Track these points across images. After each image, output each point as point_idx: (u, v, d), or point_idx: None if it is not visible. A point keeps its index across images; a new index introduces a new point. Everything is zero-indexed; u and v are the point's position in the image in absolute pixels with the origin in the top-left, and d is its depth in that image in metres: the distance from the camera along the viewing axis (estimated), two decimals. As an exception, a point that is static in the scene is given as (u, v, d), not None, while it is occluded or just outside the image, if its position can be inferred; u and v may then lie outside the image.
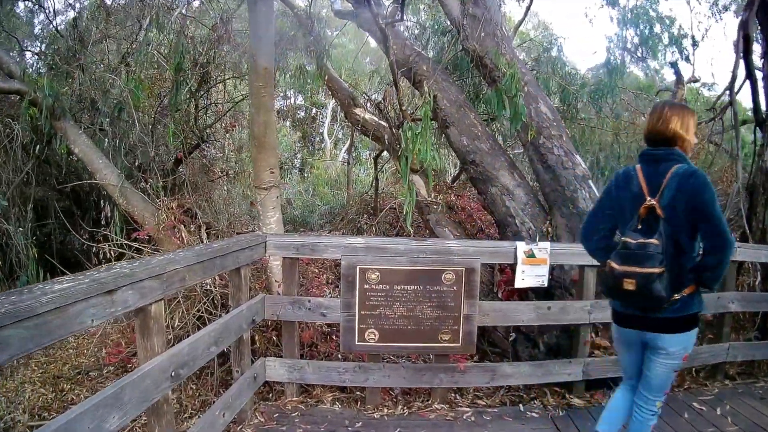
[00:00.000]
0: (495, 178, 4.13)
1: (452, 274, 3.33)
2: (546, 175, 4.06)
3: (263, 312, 3.52)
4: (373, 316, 3.37)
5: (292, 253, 3.46)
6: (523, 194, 4.09)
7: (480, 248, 3.37)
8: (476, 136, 4.30)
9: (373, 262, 3.34)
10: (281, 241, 3.49)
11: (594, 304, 3.57)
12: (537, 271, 3.46)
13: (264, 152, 4.12)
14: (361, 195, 9.36)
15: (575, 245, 3.64)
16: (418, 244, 3.35)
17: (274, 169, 4.18)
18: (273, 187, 4.16)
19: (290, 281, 3.52)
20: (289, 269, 3.51)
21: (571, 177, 4.00)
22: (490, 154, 4.21)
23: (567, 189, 3.97)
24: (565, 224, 3.96)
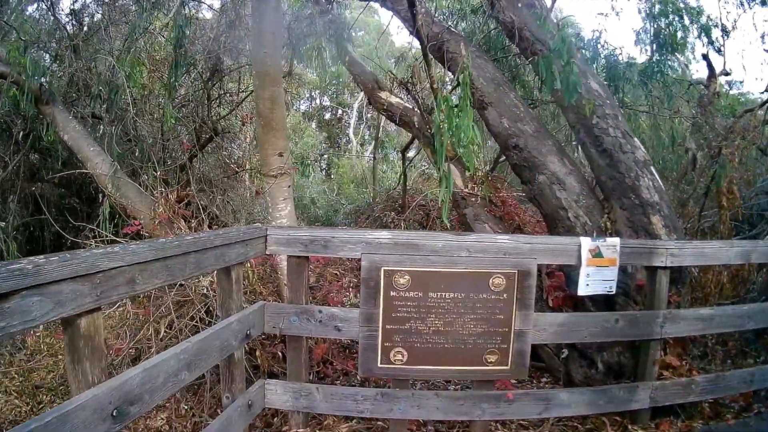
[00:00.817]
0: (542, 165, 3.25)
1: (502, 278, 2.42)
2: (601, 161, 3.17)
3: (262, 324, 2.59)
4: (400, 331, 2.45)
5: (299, 251, 2.54)
6: (575, 183, 3.20)
7: (536, 245, 2.46)
8: (518, 117, 3.42)
9: (402, 263, 2.43)
10: (285, 234, 2.57)
11: (667, 315, 2.67)
12: (604, 274, 2.56)
13: (271, 133, 3.22)
14: (388, 192, 8.41)
15: (647, 241, 2.74)
16: (458, 239, 2.44)
17: (283, 153, 3.27)
18: (283, 174, 3.25)
19: (297, 286, 2.59)
20: (296, 271, 2.59)
21: (631, 162, 3.12)
22: (536, 138, 3.33)
23: (627, 176, 3.09)
24: (626, 217, 3.06)
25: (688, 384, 2.78)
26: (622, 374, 2.87)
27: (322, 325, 2.54)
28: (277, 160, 3.22)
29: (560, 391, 2.62)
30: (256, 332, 2.59)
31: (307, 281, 2.63)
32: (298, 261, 2.58)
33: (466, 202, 3.77)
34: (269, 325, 2.61)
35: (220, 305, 2.47)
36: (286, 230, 2.61)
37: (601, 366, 2.91)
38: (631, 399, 2.68)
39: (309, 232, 2.58)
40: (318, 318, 2.54)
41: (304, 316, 2.56)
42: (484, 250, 2.43)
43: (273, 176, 3.18)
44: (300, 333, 2.58)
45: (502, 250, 2.43)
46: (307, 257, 2.60)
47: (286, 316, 2.58)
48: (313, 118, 15.02)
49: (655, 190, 3.06)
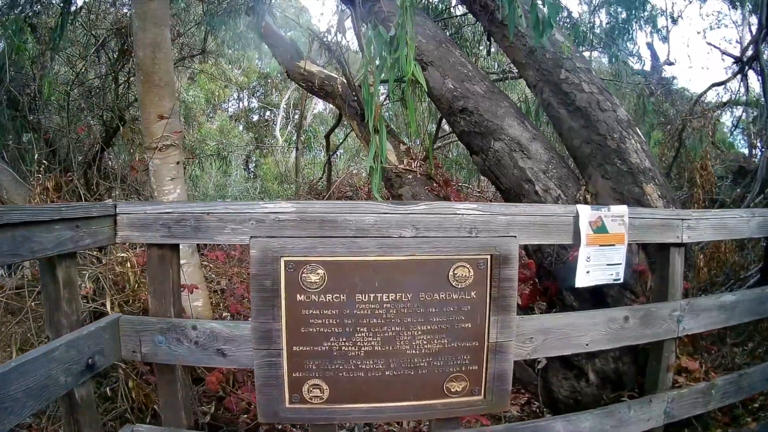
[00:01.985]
0: (499, 129, 2.25)
1: (467, 267, 1.40)
2: (574, 122, 2.21)
3: (117, 347, 1.49)
4: (316, 354, 1.40)
5: (161, 236, 1.44)
6: (542, 150, 2.22)
7: (517, 218, 1.46)
8: (466, 76, 2.41)
9: (313, 250, 1.37)
10: (141, 212, 1.45)
11: (686, 306, 1.75)
12: (609, 256, 1.59)
13: (153, 90, 2.10)
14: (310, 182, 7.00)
15: (658, 211, 1.80)
16: (399, 210, 1.40)
17: (168, 117, 2.13)
18: (170, 146, 2.12)
19: (162, 290, 1.49)
20: (159, 267, 1.48)
21: (612, 122, 2.17)
22: (488, 98, 2.33)
23: (609, 138, 2.14)
24: (611, 188, 2.12)
25: (707, 390, 1.88)
26: (622, 385, 1.94)
27: (200, 348, 1.46)
28: (160, 128, 2.08)
29: (554, 421, 1.64)
30: (107, 360, 1.48)
31: (177, 282, 1.52)
32: (160, 253, 1.47)
33: (401, 180, 2.70)
34: (127, 348, 1.50)
35: (48, 321, 1.37)
36: (143, 206, 1.49)
37: (593, 377, 1.96)
38: (643, 418, 1.75)
39: (175, 207, 1.47)
40: (192, 337, 1.46)
41: (172, 335, 1.46)
42: (440, 226, 1.40)
43: (156, 149, 2.05)
44: (169, 360, 1.49)
45: (466, 225, 1.42)
46: (176, 246, 1.50)
47: (149, 334, 1.49)
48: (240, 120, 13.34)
49: (645, 154, 2.13)
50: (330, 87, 3.27)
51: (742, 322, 1.97)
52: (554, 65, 2.23)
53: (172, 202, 1.46)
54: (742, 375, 1.97)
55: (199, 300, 2.34)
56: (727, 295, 1.89)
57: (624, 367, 1.93)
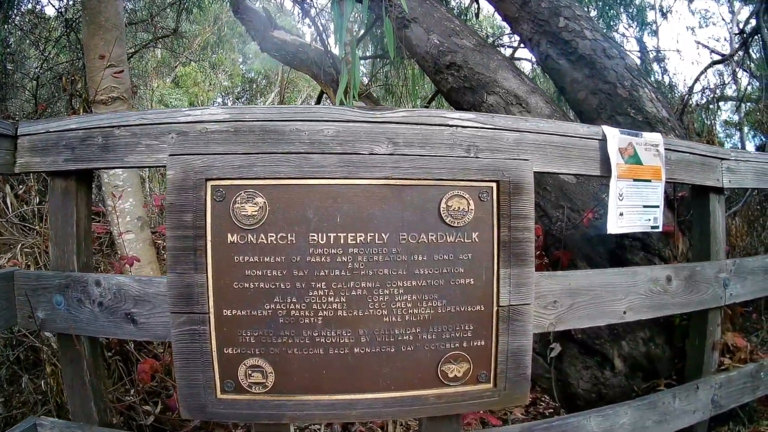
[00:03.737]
0: (492, 82, 1.73)
1: (465, 197, 0.84)
2: (577, 72, 1.70)
3: (12, 311, 0.92)
4: (256, 321, 0.81)
5: (63, 160, 0.89)
6: (542, 103, 1.69)
7: (527, 135, 0.91)
8: (453, 31, 1.91)
9: (251, 169, 0.81)
10: (43, 130, 0.90)
11: (733, 267, 1.16)
12: (645, 195, 1.02)
13: (98, 34, 1.60)
14: None
15: (696, 144, 1.22)
16: (369, 117, 0.86)
17: (117, 65, 1.62)
18: (117, 99, 1.60)
19: (64, 235, 0.92)
20: (62, 204, 0.92)
21: (621, 69, 1.65)
22: (479, 52, 1.82)
23: (620, 86, 1.61)
24: None
25: (756, 372, 1.26)
26: (655, 373, 1.31)
27: (105, 311, 0.87)
28: (109, 79, 1.57)
29: (584, 417, 1.02)
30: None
31: (85, 226, 0.96)
32: (64, 184, 0.92)
33: None
34: (22, 312, 0.92)
35: None
36: (46, 123, 0.94)
37: (619, 364, 1.33)
38: (688, 409, 1.12)
39: (81, 122, 0.91)
40: (96, 297, 0.88)
41: (73, 295, 0.89)
42: (426, 141, 0.85)
43: (101, 102, 1.54)
44: (68, 329, 0.90)
45: (462, 141, 0.86)
46: (85, 174, 0.94)
47: (46, 293, 0.91)
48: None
49: (660, 103, 1.60)
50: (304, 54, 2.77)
51: None
52: (551, 14, 1.74)
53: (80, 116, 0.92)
54: None
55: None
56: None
57: (657, 350, 1.30)
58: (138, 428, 1.21)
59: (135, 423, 1.15)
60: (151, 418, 1.23)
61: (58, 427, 0.97)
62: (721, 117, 5.05)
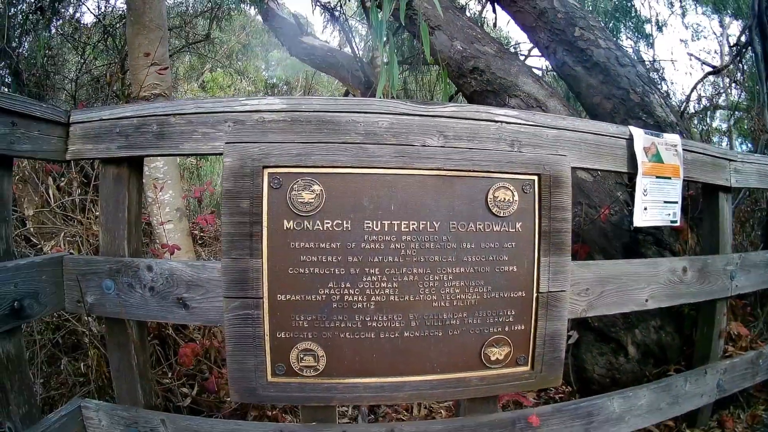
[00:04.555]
0: (513, 86, 1.79)
1: (510, 189, 0.88)
2: (593, 78, 1.76)
3: (60, 294, 0.90)
4: (310, 306, 0.82)
5: (117, 148, 0.88)
6: (560, 106, 1.75)
7: (564, 132, 0.95)
8: (475, 38, 1.97)
9: (307, 159, 0.82)
10: (97, 118, 0.89)
11: (739, 260, 1.23)
12: (666, 191, 1.08)
13: (143, 33, 1.58)
14: None
15: (707, 146, 1.29)
16: (421, 110, 0.88)
17: (161, 63, 1.60)
18: (161, 96, 1.58)
19: (116, 221, 0.91)
20: (114, 190, 0.91)
21: (633, 76, 1.73)
22: (500, 57, 1.88)
23: (632, 92, 1.68)
24: None
25: (756, 360, 1.33)
26: (666, 359, 1.38)
27: (156, 296, 0.87)
28: (153, 76, 1.55)
29: (608, 398, 1.06)
30: (42, 308, 0.88)
31: (136, 212, 0.94)
32: (117, 171, 0.91)
33: None
34: (71, 297, 0.91)
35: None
36: (100, 111, 0.92)
37: (633, 350, 1.39)
38: (697, 393, 1.18)
39: (136, 110, 0.90)
40: (147, 281, 0.87)
41: (124, 279, 0.88)
42: (475, 135, 0.88)
43: (145, 99, 1.52)
44: (118, 313, 0.89)
45: (506, 137, 0.89)
46: (137, 162, 0.93)
47: (96, 278, 0.90)
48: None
49: (669, 108, 1.68)
50: (333, 59, 2.79)
51: None
52: (567, 24, 1.80)
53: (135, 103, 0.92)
54: None
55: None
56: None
57: (667, 338, 1.37)
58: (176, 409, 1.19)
59: (173, 405, 1.14)
60: (188, 399, 1.22)
61: (103, 409, 0.96)
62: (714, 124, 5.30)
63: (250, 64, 8.86)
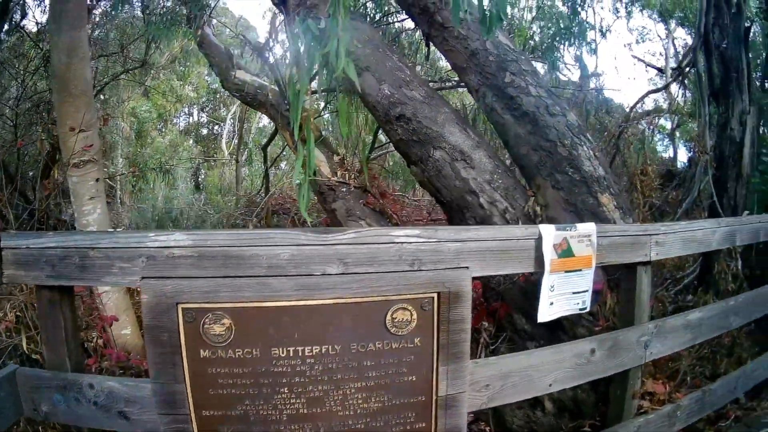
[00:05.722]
0: (439, 137, 1.74)
1: (409, 309, 0.93)
2: (521, 128, 1.72)
3: (18, 404, 1.00)
4: (230, 419, 0.92)
5: (46, 276, 0.95)
6: (486, 159, 1.73)
7: (468, 244, 0.99)
8: (404, 81, 1.89)
9: (217, 294, 0.89)
10: (23, 246, 0.95)
11: (654, 329, 1.29)
12: (575, 282, 1.12)
13: (68, 100, 1.59)
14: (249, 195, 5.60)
15: (627, 227, 1.32)
16: (322, 240, 0.93)
17: (88, 130, 1.63)
18: (89, 161, 1.62)
19: (55, 340, 1.00)
20: (50, 313, 0.99)
21: (563, 127, 1.70)
22: (428, 104, 1.82)
23: (560, 144, 1.67)
24: (564, 199, 1.65)
25: (673, 412, 1.42)
26: (582, 414, 1.48)
27: (101, 409, 0.97)
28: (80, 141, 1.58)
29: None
30: (7, 421, 0.99)
31: (73, 330, 1.03)
32: (50, 296, 0.98)
33: (335, 193, 2.10)
34: (28, 405, 1.02)
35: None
36: (25, 239, 0.99)
37: (549, 405, 1.49)
38: (608, 450, 1.29)
39: (59, 240, 0.96)
40: (91, 397, 0.97)
41: (71, 394, 0.98)
42: (374, 259, 0.92)
43: (75, 166, 1.55)
44: (71, 421, 1.01)
45: (407, 257, 0.94)
46: (68, 288, 1.01)
47: (47, 392, 1.00)
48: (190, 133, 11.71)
49: (598, 161, 1.66)
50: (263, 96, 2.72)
51: (707, 338, 1.53)
52: (498, 68, 1.74)
53: (57, 233, 0.97)
54: (705, 391, 1.52)
55: (128, 327, 1.80)
56: (693, 313, 1.43)
57: (583, 395, 1.47)
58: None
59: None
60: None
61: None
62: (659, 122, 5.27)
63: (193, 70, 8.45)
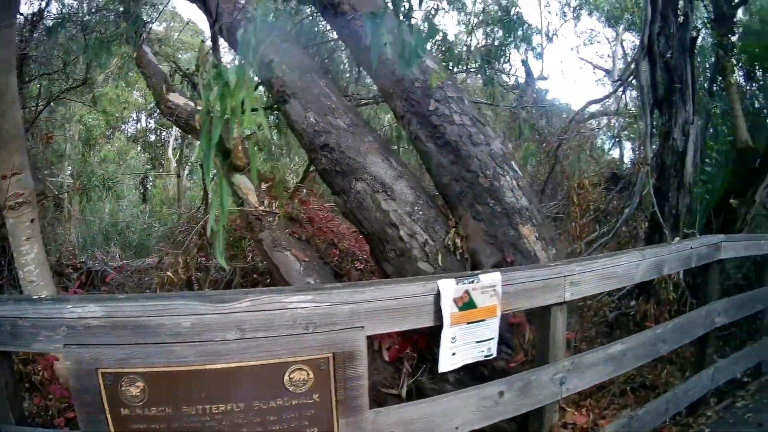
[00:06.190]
0: (361, 168, 1.78)
1: (306, 370, 1.01)
2: (443, 158, 1.74)
3: None
4: (151, 466, 1.03)
5: None
6: (408, 189, 1.75)
7: (362, 305, 1.06)
8: (329, 109, 1.91)
9: (131, 360, 0.98)
10: None
11: (570, 366, 1.34)
12: (479, 332, 1.18)
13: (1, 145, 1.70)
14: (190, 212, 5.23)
15: (538, 269, 1.34)
16: (219, 310, 1.00)
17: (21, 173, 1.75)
18: (23, 203, 1.74)
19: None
20: None
21: (485, 157, 1.71)
22: (352, 133, 1.84)
23: (482, 175, 1.69)
24: (484, 230, 1.67)
25: None
26: None
27: None
28: (12, 184, 1.70)
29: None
30: None
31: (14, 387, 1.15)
32: None
33: (261, 223, 2.09)
34: None
35: None
36: None
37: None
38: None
39: None
40: None
41: None
42: (270, 324, 1.00)
43: (11, 208, 1.68)
44: None
45: (301, 321, 1.01)
46: (4, 354, 1.11)
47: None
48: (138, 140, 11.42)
49: (521, 191, 1.67)
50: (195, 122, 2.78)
51: (633, 367, 1.56)
52: (423, 95, 1.75)
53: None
54: (633, 417, 1.56)
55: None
56: (615, 346, 1.46)
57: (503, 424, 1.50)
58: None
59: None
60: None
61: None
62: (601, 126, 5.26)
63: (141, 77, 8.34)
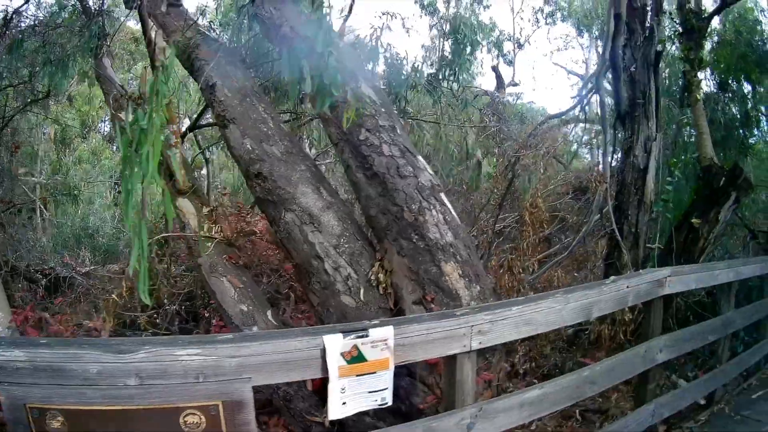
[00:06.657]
0: (291, 199, 1.80)
1: (198, 415, 1.12)
2: (371, 189, 1.73)
3: None
4: (80, 481, 1.21)
5: None
6: (335, 221, 1.77)
7: (249, 359, 1.13)
8: (265, 135, 1.92)
9: (52, 398, 1.13)
10: None
11: (478, 412, 1.36)
12: (370, 383, 1.23)
13: None
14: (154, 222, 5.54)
15: (441, 319, 1.35)
16: (121, 359, 1.11)
17: None
18: None
19: None
20: None
21: (412, 190, 1.69)
22: (285, 162, 1.86)
23: (407, 209, 1.67)
24: (408, 266, 1.66)
25: None
26: None
27: None
28: None
29: None
30: None
31: None
32: None
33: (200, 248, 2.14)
34: None
35: None
36: None
37: None
38: None
39: None
40: None
41: None
42: (165, 373, 1.11)
43: None
44: None
45: (191, 372, 1.11)
46: None
47: None
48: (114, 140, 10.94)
49: (448, 226, 1.64)
50: None
51: (554, 410, 1.55)
52: (355, 124, 1.73)
53: None
54: None
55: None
56: (532, 391, 1.46)
57: None
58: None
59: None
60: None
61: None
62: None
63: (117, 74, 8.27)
